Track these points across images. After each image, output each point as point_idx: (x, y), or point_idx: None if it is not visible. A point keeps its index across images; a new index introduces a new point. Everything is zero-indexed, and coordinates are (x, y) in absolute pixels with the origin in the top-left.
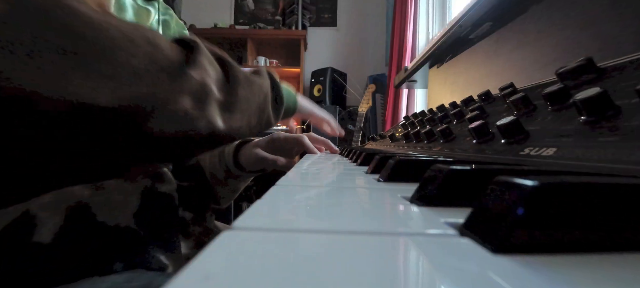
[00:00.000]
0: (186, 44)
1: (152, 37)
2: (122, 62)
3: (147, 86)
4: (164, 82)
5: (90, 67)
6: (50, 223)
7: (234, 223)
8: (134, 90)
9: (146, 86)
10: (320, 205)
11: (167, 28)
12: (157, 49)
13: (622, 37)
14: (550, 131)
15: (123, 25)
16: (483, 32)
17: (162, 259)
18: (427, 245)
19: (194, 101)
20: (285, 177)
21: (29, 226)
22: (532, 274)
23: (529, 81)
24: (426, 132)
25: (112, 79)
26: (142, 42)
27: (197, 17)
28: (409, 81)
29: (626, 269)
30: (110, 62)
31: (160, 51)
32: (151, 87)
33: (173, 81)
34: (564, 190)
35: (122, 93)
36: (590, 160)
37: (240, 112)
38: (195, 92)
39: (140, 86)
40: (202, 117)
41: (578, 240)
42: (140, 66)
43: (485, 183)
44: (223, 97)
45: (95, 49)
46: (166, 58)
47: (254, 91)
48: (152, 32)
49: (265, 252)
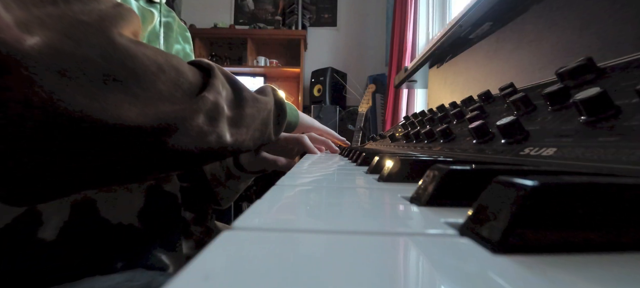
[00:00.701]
0: (203, 68)
1: (177, 64)
2: (152, 86)
3: (172, 105)
4: (185, 103)
5: (126, 91)
6: (56, 218)
7: (234, 223)
8: (160, 110)
9: (170, 105)
10: (320, 205)
11: (169, 30)
12: (181, 75)
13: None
14: (550, 131)
15: (152, 53)
16: (483, 32)
17: (163, 258)
18: (427, 245)
19: (207, 118)
20: (285, 177)
21: (34, 222)
22: (532, 274)
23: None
24: (426, 132)
25: (142, 101)
26: (168, 68)
27: (197, 17)
28: (409, 81)
29: (626, 269)
30: (142, 86)
31: (183, 75)
32: (174, 107)
33: (192, 102)
34: (563, 189)
35: (150, 113)
36: (590, 160)
37: (246, 127)
38: (208, 111)
39: (166, 106)
40: (214, 132)
41: (578, 240)
42: (166, 89)
43: (485, 183)
44: (232, 114)
45: (130, 75)
46: (188, 82)
47: (259, 108)
48: (177, 58)
49: (265, 252)
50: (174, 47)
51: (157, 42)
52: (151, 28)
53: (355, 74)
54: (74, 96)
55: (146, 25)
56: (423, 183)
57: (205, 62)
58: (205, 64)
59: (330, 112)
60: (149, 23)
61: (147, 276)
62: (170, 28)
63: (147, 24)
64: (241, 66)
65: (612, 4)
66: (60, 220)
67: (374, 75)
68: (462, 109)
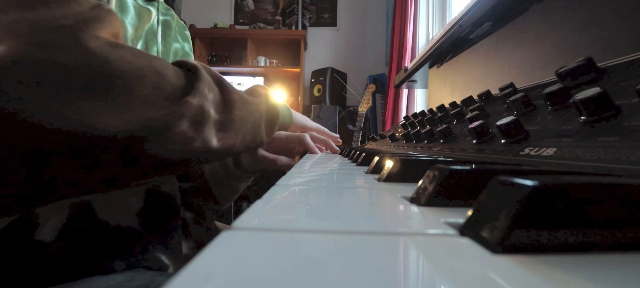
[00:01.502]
0: (188, 70)
1: (159, 66)
2: (130, 91)
3: (154, 111)
4: (168, 108)
5: (101, 97)
6: (53, 221)
7: (234, 223)
8: (142, 116)
9: (152, 111)
10: (320, 205)
11: (167, 29)
12: (163, 78)
13: (622, 37)
14: (550, 131)
15: (132, 56)
16: (483, 32)
17: (163, 259)
18: (427, 245)
19: (192, 123)
20: (285, 177)
21: (31, 225)
22: (532, 274)
23: (529, 81)
24: (426, 132)
25: (121, 107)
26: (149, 72)
27: (197, 17)
28: (409, 81)
29: (626, 269)
30: (120, 92)
31: (166, 78)
32: (157, 112)
33: (176, 107)
34: (563, 190)
35: (131, 119)
36: (590, 160)
37: (235, 131)
38: (193, 116)
39: (147, 112)
40: (199, 138)
41: (578, 240)
42: (147, 93)
43: (485, 183)
44: (219, 117)
45: (106, 81)
46: (171, 85)
47: (250, 110)
48: (160, 60)
49: (265, 252)
50: (172, 45)
51: (155, 41)
52: (148, 27)
53: (355, 74)
54: (45, 105)
55: (143, 24)
56: (423, 183)
57: (191, 63)
58: (191, 65)
59: (330, 112)
60: (146, 22)
61: (147, 276)
62: (169, 26)
63: (144, 22)
64: (241, 66)
65: (612, 4)
66: (58, 222)
67: (374, 75)
68: (462, 109)
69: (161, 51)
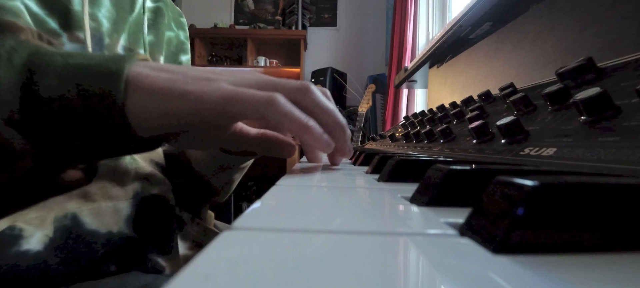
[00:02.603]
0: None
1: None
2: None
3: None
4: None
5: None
6: (38, 235)
7: (234, 223)
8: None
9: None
10: (320, 205)
11: (159, 16)
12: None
13: (622, 37)
14: (550, 131)
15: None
16: (483, 32)
17: (160, 261)
18: (427, 245)
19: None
20: (285, 177)
21: (15, 238)
22: (532, 274)
23: (529, 81)
24: (426, 132)
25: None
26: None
27: (197, 17)
28: (409, 81)
29: (626, 269)
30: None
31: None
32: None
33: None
34: (563, 190)
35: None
36: (590, 160)
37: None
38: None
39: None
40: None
41: (578, 240)
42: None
43: (485, 183)
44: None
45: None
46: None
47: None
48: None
49: (266, 252)
50: (165, 34)
51: (141, 31)
52: (133, 17)
53: (355, 74)
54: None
55: (124, 15)
56: (423, 183)
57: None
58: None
59: None
60: (127, 12)
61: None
62: (161, 14)
63: (125, 13)
64: (241, 66)
65: (612, 4)
66: (44, 236)
67: (374, 75)
68: (462, 109)
69: (150, 42)
